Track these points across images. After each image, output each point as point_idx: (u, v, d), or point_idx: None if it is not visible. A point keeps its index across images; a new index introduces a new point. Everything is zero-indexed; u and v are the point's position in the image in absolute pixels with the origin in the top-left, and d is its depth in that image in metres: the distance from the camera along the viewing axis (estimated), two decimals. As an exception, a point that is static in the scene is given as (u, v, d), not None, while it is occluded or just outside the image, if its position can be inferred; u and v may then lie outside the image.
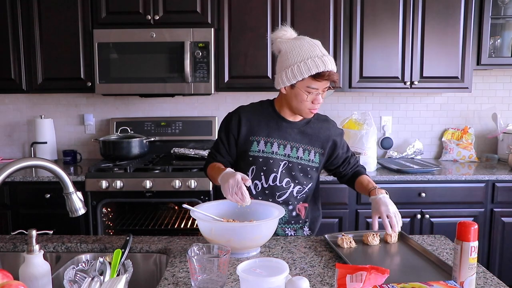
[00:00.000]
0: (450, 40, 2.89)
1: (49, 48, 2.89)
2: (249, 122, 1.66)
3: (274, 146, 1.64)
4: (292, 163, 1.65)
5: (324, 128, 1.71)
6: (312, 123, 1.70)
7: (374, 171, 2.84)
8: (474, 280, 1.11)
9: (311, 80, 1.51)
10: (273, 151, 1.64)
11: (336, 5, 2.86)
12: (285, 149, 1.65)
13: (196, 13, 2.84)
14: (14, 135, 3.33)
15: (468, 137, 3.24)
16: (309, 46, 1.52)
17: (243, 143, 1.67)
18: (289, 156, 1.65)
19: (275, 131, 1.65)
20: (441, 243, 1.52)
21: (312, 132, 1.68)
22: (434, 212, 2.74)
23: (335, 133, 1.73)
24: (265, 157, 1.64)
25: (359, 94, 3.29)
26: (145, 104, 3.30)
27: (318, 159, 1.69)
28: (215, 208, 1.52)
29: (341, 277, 0.97)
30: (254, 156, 1.65)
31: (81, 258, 1.46)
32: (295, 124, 1.67)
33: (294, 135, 1.66)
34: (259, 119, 1.67)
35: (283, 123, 1.66)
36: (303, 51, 1.50)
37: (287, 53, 1.53)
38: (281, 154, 1.65)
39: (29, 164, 1.16)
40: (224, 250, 1.18)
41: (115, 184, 2.63)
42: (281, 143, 1.65)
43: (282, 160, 1.65)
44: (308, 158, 1.67)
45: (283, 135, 1.65)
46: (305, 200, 1.74)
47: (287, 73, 1.52)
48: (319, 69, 1.48)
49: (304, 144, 1.67)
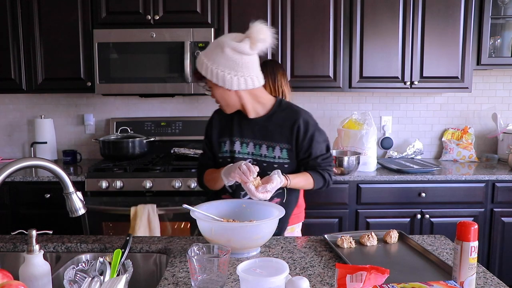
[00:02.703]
0: (450, 40, 2.89)
1: (49, 48, 2.89)
2: (219, 124, 1.68)
3: (236, 145, 1.64)
4: (257, 161, 1.62)
5: (289, 121, 1.61)
6: (275, 117, 1.63)
7: (374, 171, 2.84)
8: (474, 280, 1.11)
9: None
10: (236, 150, 1.63)
11: (336, 5, 2.86)
12: (248, 147, 1.63)
13: (196, 13, 2.84)
14: (14, 135, 3.33)
15: (468, 137, 3.24)
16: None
17: (215, 147, 1.68)
18: (253, 154, 1.63)
19: (237, 130, 1.64)
20: (441, 243, 1.52)
21: (274, 127, 1.62)
22: (434, 212, 2.74)
23: (300, 127, 1.61)
24: (231, 157, 1.64)
25: (359, 94, 3.29)
26: (145, 104, 3.30)
27: (287, 154, 1.62)
28: (215, 208, 1.52)
29: (341, 277, 0.97)
30: (222, 157, 1.66)
31: (81, 258, 1.46)
32: (255, 121, 1.64)
33: (256, 132, 1.63)
34: (226, 120, 1.67)
35: (244, 120, 1.65)
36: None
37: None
38: (244, 152, 1.63)
39: (29, 164, 1.16)
40: (224, 250, 1.18)
41: (115, 184, 2.63)
42: (243, 142, 1.64)
43: (246, 158, 1.62)
44: (273, 155, 1.61)
45: (245, 133, 1.64)
46: (278, 196, 1.65)
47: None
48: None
49: (267, 140, 1.62)
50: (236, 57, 1.49)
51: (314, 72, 2.91)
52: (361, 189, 2.72)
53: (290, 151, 1.62)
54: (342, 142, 2.92)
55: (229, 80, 1.51)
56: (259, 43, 1.47)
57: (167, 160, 2.97)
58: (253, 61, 1.54)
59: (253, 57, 1.53)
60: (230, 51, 1.48)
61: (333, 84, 2.93)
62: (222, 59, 1.49)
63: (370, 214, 2.75)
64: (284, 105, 1.66)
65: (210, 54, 1.51)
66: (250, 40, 1.47)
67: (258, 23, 1.46)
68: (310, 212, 2.55)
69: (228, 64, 1.49)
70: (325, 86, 2.96)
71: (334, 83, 2.93)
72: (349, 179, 2.71)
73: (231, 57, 1.48)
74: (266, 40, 1.47)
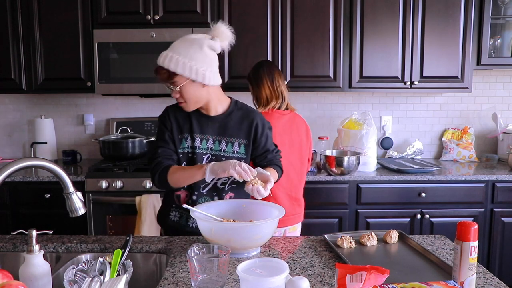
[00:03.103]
0: (450, 40, 2.90)
1: (49, 48, 2.89)
2: (175, 120, 1.70)
3: (196, 141, 1.67)
4: (216, 156, 1.68)
5: (246, 119, 1.72)
6: (234, 115, 1.71)
7: (374, 171, 2.84)
8: (474, 280, 1.11)
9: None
10: (196, 145, 1.67)
11: (336, 5, 2.86)
12: (208, 143, 1.68)
13: (196, 13, 2.84)
14: (14, 135, 3.33)
15: (468, 137, 3.24)
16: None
17: (177, 141, 1.70)
18: (212, 150, 1.68)
19: (197, 127, 1.68)
20: (441, 243, 1.52)
21: (234, 124, 1.70)
22: (434, 212, 2.75)
23: (258, 124, 1.72)
24: (191, 152, 1.68)
25: (359, 94, 3.29)
26: (145, 104, 3.30)
27: (244, 149, 1.70)
28: (215, 208, 1.52)
29: (341, 277, 0.97)
30: (182, 153, 1.69)
31: (81, 258, 1.46)
32: (215, 118, 1.69)
33: (216, 128, 1.69)
34: (183, 117, 1.70)
35: (203, 118, 1.69)
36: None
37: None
38: (203, 148, 1.68)
39: (29, 164, 1.16)
40: (224, 250, 1.18)
41: (115, 184, 2.63)
42: (203, 138, 1.68)
43: (205, 154, 1.68)
44: (232, 150, 1.69)
45: (205, 130, 1.68)
46: (234, 190, 1.72)
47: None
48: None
49: (227, 136, 1.69)
50: (212, 54, 1.59)
51: (314, 72, 2.91)
52: (361, 189, 2.72)
53: (247, 146, 1.71)
54: (342, 142, 2.93)
55: (208, 76, 1.57)
56: (225, 41, 1.60)
57: (167, 160, 2.96)
58: (217, 59, 1.64)
59: (216, 55, 1.64)
60: (208, 48, 1.57)
61: (333, 84, 2.93)
62: (201, 56, 1.56)
63: (370, 214, 2.75)
64: (239, 104, 1.75)
65: (185, 52, 1.56)
66: (220, 39, 1.59)
67: (220, 23, 1.59)
68: (310, 212, 2.56)
69: (206, 60, 1.57)
70: (325, 86, 2.96)
71: (334, 83, 2.93)
72: (349, 179, 2.71)
73: (208, 54, 1.57)
74: (229, 38, 1.60)
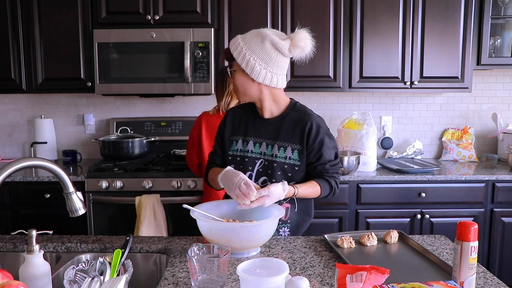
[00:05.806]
0: (450, 40, 2.89)
1: (49, 48, 2.89)
2: (232, 122, 1.70)
3: (250, 144, 1.64)
4: (268, 161, 1.62)
5: (300, 122, 1.61)
6: (289, 118, 1.63)
7: (374, 171, 2.84)
8: (474, 280, 1.11)
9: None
10: (249, 149, 1.64)
11: (336, 5, 2.86)
12: (261, 147, 1.63)
13: (196, 13, 2.84)
14: (14, 135, 3.33)
15: (468, 137, 3.24)
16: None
17: (227, 144, 1.70)
18: (265, 154, 1.63)
19: (252, 130, 1.65)
20: (441, 243, 1.52)
21: (287, 127, 1.61)
22: (434, 212, 2.74)
23: (312, 127, 1.60)
24: (242, 156, 1.65)
25: (359, 94, 3.29)
26: (145, 104, 3.30)
27: (298, 155, 1.60)
28: (215, 208, 1.52)
29: (341, 277, 0.97)
30: (232, 156, 1.67)
31: (81, 258, 1.46)
32: (269, 121, 1.64)
33: (269, 132, 1.63)
34: (240, 119, 1.69)
35: (258, 120, 1.66)
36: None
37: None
38: (256, 152, 1.63)
39: (29, 164, 1.16)
40: (224, 250, 1.18)
41: (115, 184, 2.63)
42: (257, 141, 1.64)
43: (258, 158, 1.63)
44: (284, 155, 1.61)
45: (258, 133, 1.64)
46: (289, 201, 1.65)
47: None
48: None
49: (280, 141, 1.61)
50: (273, 52, 1.52)
51: (314, 72, 2.91)
52: (361, 189, 2.72)
53: (301, 153, 1.61)
54: (342, 142, 2.93)
55: (257, 71, 1.53)
56: (298, 49, 1.51)
57: (167, 160, 2.97)
58: (285, 63, 1.58)
59: (286, 59, 1.57)
60: (270, 45, 1.51)
61: (333, 84, 2.93)
62: (259, 49, 1.51)
63: (370, 214, 2.75)
64: (298, 107, 1.66)
65: (248, 40, 1.53)
66: (291, 43, 1.50)
67: (304, 31, 1.51)
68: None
69: (263, 56, 1.52)
70: (325, 86, 2.96)
71: (334, 83, 2.93)
72: (349, 179, 2.71)
73: (268, 50, 1.51)
74: (305, 49, 1.52)
